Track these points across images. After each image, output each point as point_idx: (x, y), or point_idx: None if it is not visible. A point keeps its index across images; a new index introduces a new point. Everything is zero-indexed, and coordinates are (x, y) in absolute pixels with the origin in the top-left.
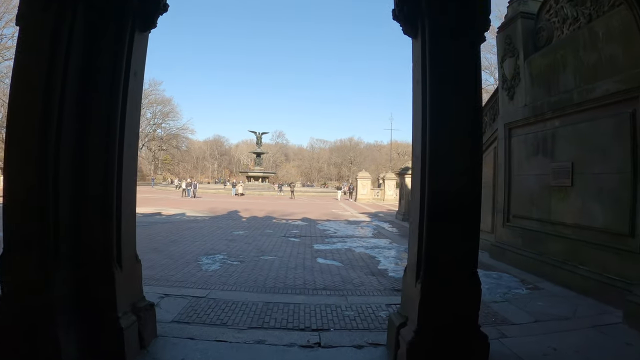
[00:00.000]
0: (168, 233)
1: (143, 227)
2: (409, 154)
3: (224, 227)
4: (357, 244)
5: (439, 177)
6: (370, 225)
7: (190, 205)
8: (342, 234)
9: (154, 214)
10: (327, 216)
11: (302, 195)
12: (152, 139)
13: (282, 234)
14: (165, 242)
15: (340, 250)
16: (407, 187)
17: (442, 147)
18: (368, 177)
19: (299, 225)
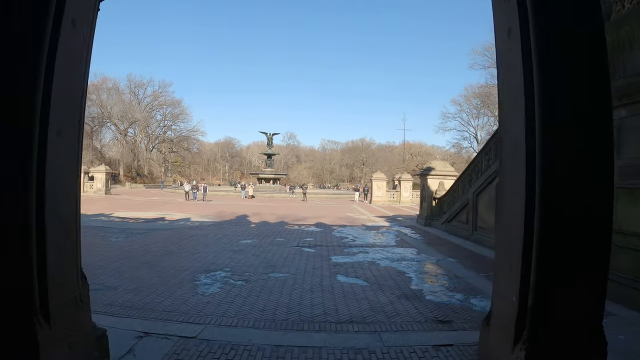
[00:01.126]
0: (166, 242)
1: (139, 235)
2: (422, 154)
3: (230, 234)
4: (381, 255)
5: (565, 189)
6: (391, 232)
7: (197, 210)
8: (362, 242)
9: (157, 219)
10: (343, 221)
11: (314, 197)
12: (163, 141)
13: (295, 243)
14: (160, 255)
15: (362, 264)
16: (430, 189)
17: (572, 137)
18: (383, 179)
19: (313, 231)
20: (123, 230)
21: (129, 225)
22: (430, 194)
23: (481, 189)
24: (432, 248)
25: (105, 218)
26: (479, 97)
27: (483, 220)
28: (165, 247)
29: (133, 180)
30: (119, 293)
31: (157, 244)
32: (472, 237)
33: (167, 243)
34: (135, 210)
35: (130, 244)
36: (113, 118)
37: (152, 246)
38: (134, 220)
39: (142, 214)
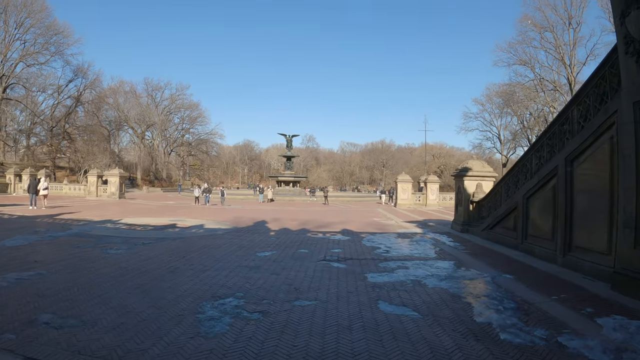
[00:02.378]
0: (172, 256)
1: (143, 246)
2: (444, 155)
3: (246, 245)
4: (424, 272)
5: None
6: (427, 240)
7: (213, 215)
8: (397, 253)
9: (167, 227)
10: (371, 227)
11: (335, 200)
12: (181, 144)
13: (321, 256)
14: (161, 273)
15: (405, 285)
16: (466, 192)
17: None
18: (409, 181)
19: (340, 241)
20: (126, 240)
21: (135, 234)
22: (467, 197)
23: (533, 191)
24: (478, 261)
25: (111, 225)
26: (502, 96)
27: (536, 227)
28: (170, 262)
29: (150, 184)
30: (96, 332)
31: (161, 258)
32: (522, 247)
33: (173, 257)
34: (146, 216)
35: (129, 258)
36: (130, 121)
37: (154, 261)
38: (141, 228)
39: (152, 220)
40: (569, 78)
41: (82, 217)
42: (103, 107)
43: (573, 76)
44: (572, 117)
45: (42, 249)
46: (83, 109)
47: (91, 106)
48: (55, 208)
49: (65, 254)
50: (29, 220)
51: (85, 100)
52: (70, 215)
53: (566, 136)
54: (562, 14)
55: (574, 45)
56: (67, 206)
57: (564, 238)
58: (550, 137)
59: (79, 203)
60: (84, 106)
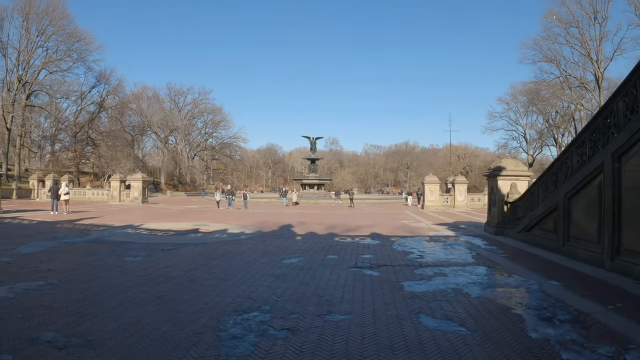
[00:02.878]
0: (192, 264)
1: (163, 253)
2: (469, 156)
3: (272, 251)
4: (464, 279)
5: None
6: (460, 243)
7: (236, 219)
8: (432, 258)
9: (189, 232)
10: (400, 230)
11: (361, 203)
12: (204, 148)
13: (352, 262)
14: (180, 283)
15: (446, 294)
16: (501, 192)
17: None
18: (436, 182)
19: (370, 245)
20: (146, 247)
21: (155, 240)
22: (501, 198)
23: (575, 190)
24: (519, 266)
25: (132, 231)
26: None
27: (579, 229)
28: (190, 270)
29: (174, 188)
30: (102, 354)
31: (181, 266)
32: (563, 250)
33: (194, 264)
34: (168, 221)
35: (147, 266)
36: (153, 126)
37: (174, 269)
38: (162, 233)
39: (174, 225)
40: (595, 74)
41: (102, 223)
42: (126, 113)
43: (600, 72)
44: (617, 110)
45: (57, 256)
46: (106, 114)
47: (114, 112)
48: (77, 213)
49: (80, 262)
50: (49, 226)
51: (108, 106)
52: (90, 221)
53: (611, 130)
54: (587, 8)
55: (600, 41)
56: (88, 211)
57: (612, 240)
58: (593, 132)
59: (101, 208)
60: (107, 112)
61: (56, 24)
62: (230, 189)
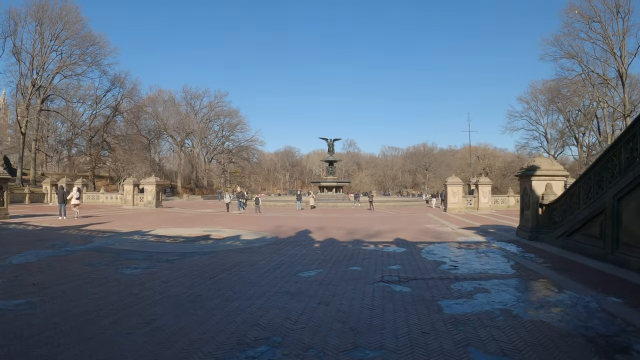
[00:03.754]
0: (196, 278)
1: (167, 263)
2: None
3: (287, 261)
4: (509, 296)
5: None
6: (494, 250)
7: (251, 224)
8: (467, 269)
9: (200, 238)
10: (426, 235)
11: (381, 205)
12: (221, 151)
13: (378, 276)
14: (178, 303)
15: (494, 317)
16: (535, 194)
17: None
18: (459, 183)
19: (396, 253)
20: (149, 256)
21: (161, 248)
22: (535, 200)
23: (627, 191)
24: (566, 277)
25: (139, 237)
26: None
27: (632, 235)
28: (193, 286)
29: (191, 191)
30: None
31: (183, 281)
32: (611, 258)
33: (198, 279)
34: (180, 226)
35: (145, 281)
36: (169, 130)
37: (174, 285)
38: (171, 240)
39: (185, 231)
40: (619, 70)
41: (110, 228)
42: (142, 116)
43: (624, 68)
44: None
45: (50, 267)
46: (122, 118)
47: (130, 115)
48: (87, 218)
49: (72, 274)
50: (53, 232)
51: (123, 110)
52: (98, 226)
53: None
54: (609, 2)
55: (623, 36)
56: (99, 216)
57: None
58: None
59: (113, 212)
60: (123, 115)
61: (70, 28)
62: (241, 192)
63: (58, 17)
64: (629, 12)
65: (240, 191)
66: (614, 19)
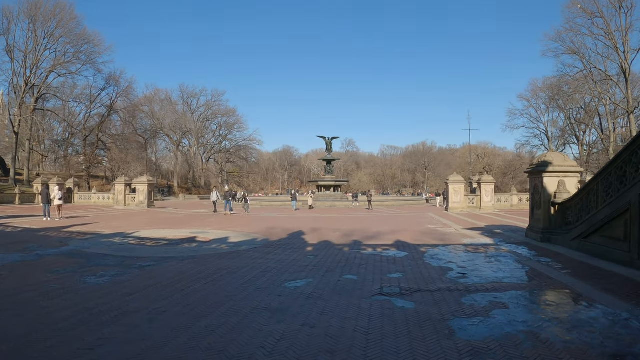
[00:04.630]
0: (166, 289)
1: (139, 270)
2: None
3: (273, 268)
4: (534, 314)
5: None
6: (505, 254)
7: (242, 225)
8: (478, 278)
9: (184, 241)
10: (428, 237)
11: (380, 205)
12: (218, 151)
13: (376, 286)
14: (134, 324)
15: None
16: (547, 192)
17: None
18: (461, 182)
19: (397, 259)
20: (122, 262)
21: (139, 252)
22: (547, 199)
23: None
24: (592, 287)
25: (119, 240)
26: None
27: None
28: (159, 300)
29: (188, 191)
30: None
31: (150, 293)
32: (639, 263)
33: (168, 290)
34: (166, 228)
35: (107, 292)
36: (165, 129)
37: (137, 299)
38: (152, 243)
39: (171, 233)
40: (622, 66)
41: (92, 230)
42: (138, 116)
43: (627, 64)
44: None
45: (11, 274)
46: (119, 117)
47: (126, 114)
48: (72, 219)
49: (30, 284)
50: (30, 234)
51: (118, 108)
52: (80, 228)
53: None
54: None
55: (626, 31)
56: (86, 217)
57: None
58: None
59: (103, 213)
60: (119, 114)
61: (64, 26)
62: (230, 191)
63: (52, 15)
64: (632, 8)
65: (229, 190)
66: (616, 15)
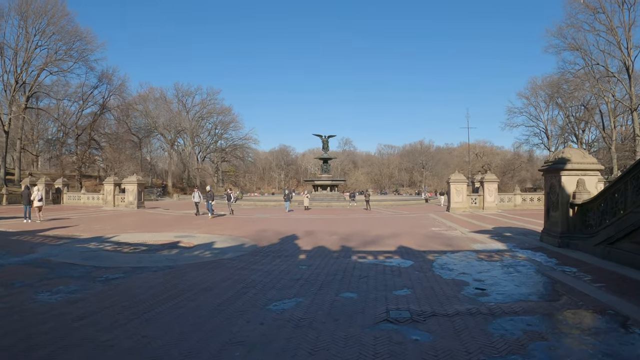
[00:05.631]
0: (124, 311)
1: (102, 285)
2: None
3: (258, 282)
4: (584, 349)
5: None
6: (522, 263)
7: (232, 228)
8: (500, 295)
9: (165, 247)
10: (433, 241)
11: (378, 205)
12: (214, 150)
13: (381, 308)
14: None
15: None
16: (566, 191)
17: None
18: (463, 181)
19: (402, 269)
20: (88, 273)
21: (111, 260)
22: (565, 199)
23: None
24: (634, 305)
25: (94, 245)
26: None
27: None
28: (111, 329)
29: (182, 191)
30: None
31: (104, 317)
32: None
33: (126, 314)
34: (150, 231)
35: (53, 316)
36: (159, 128)
37: (87, 324)
38: (130, 249)
39: (152, 237)
40: (625, 62)
41: (70, 234)
42: (132, 115)
43: (630, 60)
44: None
45: None
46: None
47: (119, 113)
48: (53, 221)
49: None
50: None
51: (111, 107)
52: (58, 231)
53: None
54: None
55: (629, 27)
56: (69, 218)
57: None
58: None
59: (88, 214)
60: (112, 113)
61: (56, 22)
62: (209, 192)
63: (43, 11)
64: (635, 3)
65: (209, 191)
66: (619, 10)
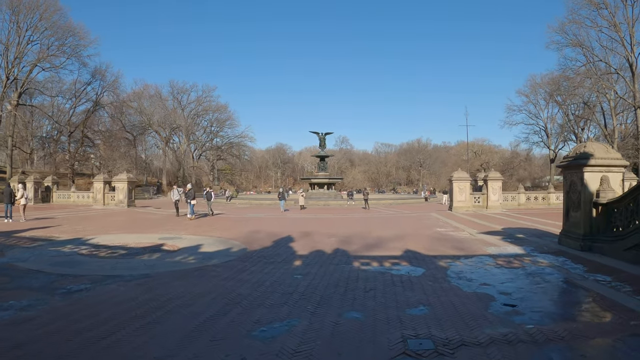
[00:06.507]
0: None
1: (62, 300)
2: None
3: (245, 297)
4: None
5: None
6: (547, 270)
7: (222, 229)
8: (535, 312)
9: (148, 250)
10: (442, 244)
11: (376, 204)
12: (210, 148)
13: (395, 336)
14: None
15: None
16: (588, 189)
17: None
18: (466, 179)
19: (412, 278)
20: (52, 283)
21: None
22: (588, 198)
23: None
24: None
25: (69, 248)
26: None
27: None
28: None
29: None
30: None
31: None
32: None
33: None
34: (135, 232)
35: None
36: (154, 125)
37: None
38: (108, 253)
39: (137, 239)
40: (628, 59)
41: (48, 235)
42: (127, 112)
43: (634, 56)
44: None
45: None
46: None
47: (113, 110)
48: (36, 221)
49: None
50: None
51: (105, 104)
52: (37, 232)
53: None
54: None
55: (633, 23)
56: (54, 218)
57: None
58: None
59: (75, 214)
60: (106, 110)
61: (48, 17)
62: (190, 190)
63: (35, 6)
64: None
65: (190, 190)
66: (622, 6)
